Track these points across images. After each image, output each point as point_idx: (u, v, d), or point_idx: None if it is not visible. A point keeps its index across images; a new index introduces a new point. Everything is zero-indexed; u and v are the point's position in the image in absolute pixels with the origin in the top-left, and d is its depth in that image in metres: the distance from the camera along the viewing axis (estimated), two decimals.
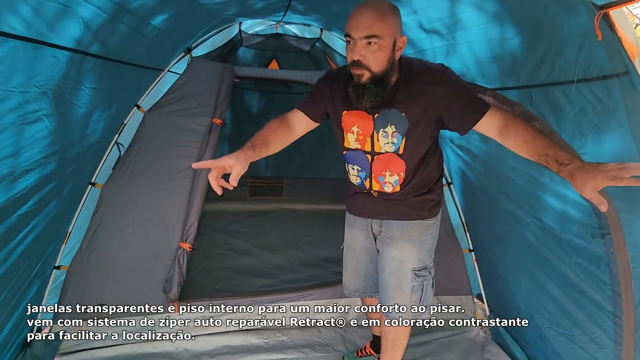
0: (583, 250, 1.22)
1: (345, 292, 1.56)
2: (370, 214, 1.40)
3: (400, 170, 1.26)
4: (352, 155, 1.30)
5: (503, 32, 1.13)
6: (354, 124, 1.24)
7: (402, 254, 1.35)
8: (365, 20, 1.03)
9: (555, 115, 1.12)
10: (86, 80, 1.20)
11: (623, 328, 1.14)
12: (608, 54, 0.88)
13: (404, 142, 1.21)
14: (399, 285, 1.35)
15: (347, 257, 1.52)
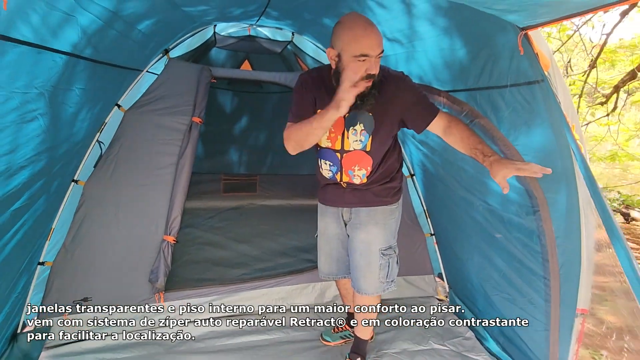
0: (520, 226, 1.46)
1: (321, 276, 1.71)
2: (341, 203, 1.54)
3: (367, 165, 1.41)
4: (323, 152, 1.44)
5: (452, 44, 1.34)
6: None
7: (370, 236, 1.50)
8: (378, 40, 1.17)
9: (495, 114, 1.35)
10: (77, 81, 1.28)
11: (551, 288, 1.39)
12: (530, 64, 1.10)
13: (370, 140, 1.36)
14: (369, 265, 1.51)
15: (322, 244, 1.66)
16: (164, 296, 1.89)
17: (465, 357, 1.79)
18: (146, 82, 2.03)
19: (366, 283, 1.54)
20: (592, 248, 1.29)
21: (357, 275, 1.55)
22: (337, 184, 1.50)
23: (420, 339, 1.91)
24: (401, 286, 2.26)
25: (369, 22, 1.19)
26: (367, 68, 1.17)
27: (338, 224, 1.59)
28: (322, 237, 1.65)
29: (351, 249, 1.55)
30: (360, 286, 1.55)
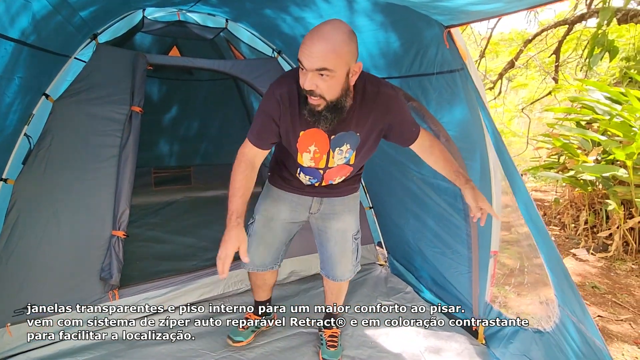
0: (447, 190, 1.77)
1: (248, 268, 1.56)
2: (311, 193, 1.45)
3: (347, 172, 1.39)
4: (305, 169, 1.34)
5: (388, 37, 1.55)
6: (311, 144, 1.25)
7: (345, 225, 1.50)
8: (317, 53, 1.00)
9: (424, 97, 1.61)
10: (18, 70, 1.19)
11: (472, 237, 1.73)
12: (452, 56, 1.37)
13: (354, 155, 1.32)
14: (344, 252, 1.53)
15: (263, 231, 1.49)
16: (119, 293, 1.82)
17: (408, 307, 2.09)
18: (72, 70, 1.88)
19: (341, 270, 1.56)
20: (500, 201, 1.64)
21: (332, 263, 1.55)
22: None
23: (370, 299, 2.17)
24: None
25: (330, 33, 1.01)
26: (301, 80, 1.06)
27: (293, 212, 1.48)
28: (267, 225, 1.49)
29: (324, 239, 1.53)
30: (335, 274, 1.57)
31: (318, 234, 1.58)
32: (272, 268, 1.60)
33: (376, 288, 2.29)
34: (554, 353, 1.28)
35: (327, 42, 1.00)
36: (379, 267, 2.54)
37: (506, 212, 2.93)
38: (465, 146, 1.59)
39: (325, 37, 1.01)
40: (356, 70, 1.09)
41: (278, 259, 1.60)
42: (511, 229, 3.00)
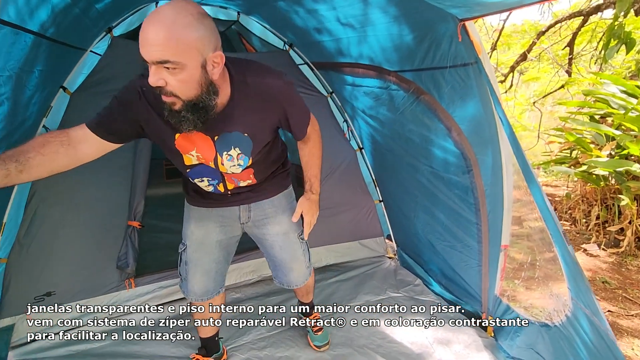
0: (458, 184, 1.77)
1: (192, 299, 1.39)
2: (234, 202, 1.30)
3: (250, 175, 1.23)
4: (196, 170, 1.16)
5: (401, 30, 1.55)
6: (192, 149, 1.09)
7: (283, 226, 1.36)
8: (154, 41, 0.80)
9: (437, 90, 1.60)
10: (38, 63, 1.22)
11: (482, 231, 1.73)
12: (465, 49, 1.36)
13: (250, 160, 1.16)
14: (294, 256, 1.41)
15: (197, 256, 1.33)
16: (135, 281, 1.88)
17: (417, 299, 2.12)
18: (88, 63, 1.91)
19: (295, 275, 1.45)
20: (511, 195, 1.64)
21: (285, 270, 1.44)
22: (222, 194, 1.26)
23: (379, 291, 2.19)
24: (357, 249, 2.53)
25: (167, 14, 0.80)
26: (149, 77, 0.85)
27: (223, 228, 1.33)
28: (199, 249, 1.32)
29: (267, 247, 1.40)
30: (290, 281, 1.46)
31: (259, 242, 1.43)
32: (218, 292, 1.42)
33: (385, 280, 2.32)
34: (561, 347, 1.29)
35: (166, 29, 0.79)
36: (388, 260, 2.56)
37: (517, 206, 2.91)
38: (476, 140, 1.59)
39: (164, 22, 0.80)
40: (217, 62, 0.89)
41: (222, 281, 1.43)
42: (522, 223, 2.99)
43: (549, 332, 1.36)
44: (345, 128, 2.43)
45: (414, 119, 1.81)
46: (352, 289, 2.21)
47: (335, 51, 2.01)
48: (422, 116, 1.75)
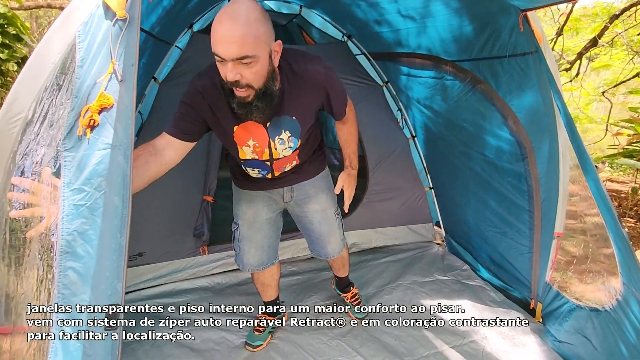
0: (511, 172, 1.81)
1: (247, 269, 1.55)
2: (277, 185, 1.43)
3: (295, 156, 1.34)
4: (249, 163, 1.29)
5: (461, 21, 1.61)
6: (249, 138, 1.20)
7: (322, 204, 1.51)
8: (235, 39, 0.89)
9: (495, 80, 1.65)
10: (144, 57, 1.47)
11: (535, 218, 1.76)
12: (526, 39, 1.40)
13: (299, 142, 1.28)
14: (330, 229, 1.57)
15: (250, 233, 1.49)
16: (208, 249, 2.15)
17: (464, 283, 2.19)
18: (172, 56, 2.18)
19: (332, 246, 1.61)
20: (567, 186, 1.66)
21: (322, 243, 1.59)
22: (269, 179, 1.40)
23: (426, 273, 2.29)
24: (406, 233, 2.63)
25: (241, 12, 0.90)
26: (223, 73, 0.97)
27: (270, 207, 1.49)
28: (252, 227, 1.48)
29: (307, 222, 1.55)
30: (328, 252, 1.62)
31: (299, 219, 1.58)
32: (273, 263, 1.60)
33: (433, 264, 2.41)
34: (610, 331, 1.32)
35: (242, 26, 0.89)
36: (436, 246, 2.63)
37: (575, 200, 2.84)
38: (534, 128, 1.62)
39: (239, 20, 0.89)
40: (277, 50, 1.01)
41: (275, 253, 1.60)
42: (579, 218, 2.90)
43: (598, 317, 1.40)
44: (399, 117, 2.51)
45: (469, 108, 1.86)
46: (400, 270, 2.33)
47: (393, 42, 2.10)
48: (477, 105, 1.80)
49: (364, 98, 2.45)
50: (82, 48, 0.83)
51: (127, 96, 0.81)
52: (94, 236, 0.74)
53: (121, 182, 0.79)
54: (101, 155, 0.76)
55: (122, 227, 0.77)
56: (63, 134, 0.78)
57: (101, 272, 0.73)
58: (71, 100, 0.80)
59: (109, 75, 0.83)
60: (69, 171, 0.76)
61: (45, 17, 12.70)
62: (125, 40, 0.85)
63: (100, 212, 0.75)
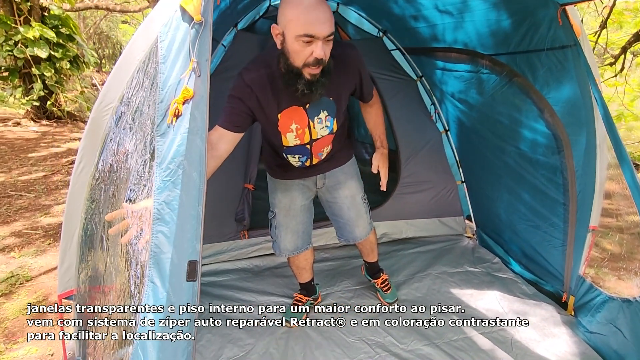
0: (546, 165, 1.82)
1: (284, 255, 1.67)
2: (312, 173, 1.53)
3: (331, 141, 1.44)
4: (291, 149, 1.38)
5: (499, 15, 1.64)
6: (292, 122, 1.29)
7: (352, 190, 1.62)
8: (326, 19, 1.02)
9: (532, 73, 1.67)
10: None
11: (569, 211, 1.77)
12: (565, 33, 1.43)
13: (335, 123, 1.37)
14: (359, 213, 1.66)
15: (286, 221, 1.60)
16: (248, 234, 2.30)
17: (494, 276, 2.22)
18: (218, 53, 2.33)
19: (360, 229, 1.70)
20: (604, 180, 1.66)
21: (351, 227, 1.68)
22: (305, 166, 1.49)
23: (456, 264, 2.34)
24: (436, 226, 2.67)
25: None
26: (314, 52, 1.05)
27: (304, 194, 1.59)
28: (288, 214, 1.59)
29: (336, 208, 1.65)
30: (356, 235, 1.71)
31: (328, 205, 1.67)
32: (307, 248, 1.70)
33: (463, 256, 2.44)
34: None
35: (327, 8, 1.03)
36: (467, 239, 2.66)
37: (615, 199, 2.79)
38: (571, 121, 1.63)
39: (325, 3, 1.03)
40: None
41: (309, 238, 1.70)
42: (617, 216, 2.83)
43: (630, 307, 1.41)
44: (433, 111, 2.56)
45: (505, 101, 1.88)
46: (430, 260, 2.38)
47: (429, 37, 2.15)
48: (513, 98, 1.83)
49: (398, 92, 2.52)
50: (163, 47, 0.97)
51: (202, 87, 0.94)
52: (177, 205, 0.87)
53: (198, 160, 0.92)
54: (182, 138, 0.89)
55: (199, 197, 0.90)
56: (156, 122, 0.92)
57: (183, 234, 0.86)
58: (158, 92, 0.94)
59: (189, 71, 0.96)
60: (160, 152, 0.90)
61: (91, 18, 13.49)
62: (200, 40, 0.98)
63: (182, 185, 0.88)
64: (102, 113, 1.13)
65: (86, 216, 1.19)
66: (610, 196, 2.66)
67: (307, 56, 1.07)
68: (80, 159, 1.15)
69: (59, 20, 6.39)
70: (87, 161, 1.16)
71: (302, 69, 1.10)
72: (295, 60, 1.09)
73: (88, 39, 12.95)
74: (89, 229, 1.19)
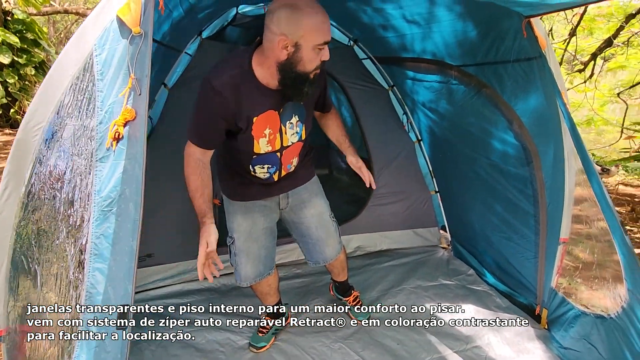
0: (517, 176, 1.80)
1: (246, 284, 1.55)
2: (274, 192, 1.46)
3: (299, 151, 1.40)
4: (261, 158, 1.32)
5: (465, 26, 1.61)
6: (266, 127, 1.25)
7: (317, 208, 1.55)
8: (329, 25, 1.10)
9: (499, 84, 1.65)
10: (155, 66, 1.51)
11: (540, 223, 1.75)
12: (530, 44, 1.40)
13: (304, 128, 1.35)
14: (328, 232, 1.59)
15: (247, 245, 1.48)
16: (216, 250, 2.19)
17: (469, 288, 2.18)
18: (182, 62, 2.22)
19: (330, 248, 1.62)
20: (573, 188, 1.64)
21: (321, 247, 1.60)
22: (270, 181, 1.43)
23: (431, 277, 2.29)
24: (411, 237, 2.63)
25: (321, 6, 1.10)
26: (324, 56, 1.12)
27: (266, 216, 1.49)
28: (249, 238, 1.48)
29: (303, 229, 1.57)
30: (327, 256, 1.63)
31: (295, 227, 1.58)
32: (270, 273, 1.59)
33: (438, 268, 2.40)
34: (615, 338, 1.31)
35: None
36: (442, 250, 2.62)
37: (584, 206, 2.80)
38: (538, 132, 1.61)
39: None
40: None
41: (272, 262, 1.60)
42: (588, 223, 2.85)
43: (604, 324, 1.38)
44: (405, 120, 2.52)
45: (474, 112, 1.86)
46: (405, 274, 2.32)
47: (399, 46, 2.11)
48: (482, 109, 1.80)
49: (370, 102, 2.47)
50: (99, 61, 0.88)
51: (142, 107, 0.86)
52: (114, 239, 0.79)
53: (135, 189, 0.83)
54: (124, 165, 0.81)
55: (134, 230, 0.81)
56: (95, 146, 0.83)
57: (117, 273, 0.78)
58: (96, 113, 0.85)
59: (128, 89, 0.88)
60: (99, 180, 0.82)
61: (62, 22, 13.06)
62: (140, 54, 0.90)
63: (120, 217, 0.79)
64: (31, 134, 1.02)
65: (15, 248, 1.07)
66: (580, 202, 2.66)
67: (318, 61, 1.13)
68: (5, 184, 1.03)
69: (23, 25, 6.12)
70: (14, 187, 1.04)
71: (310, 73, 1.14)
72: (307, 67, 1.12)
73: (59, 43, 12.52)
74: (20, 262, 1.07)
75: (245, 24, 2.93)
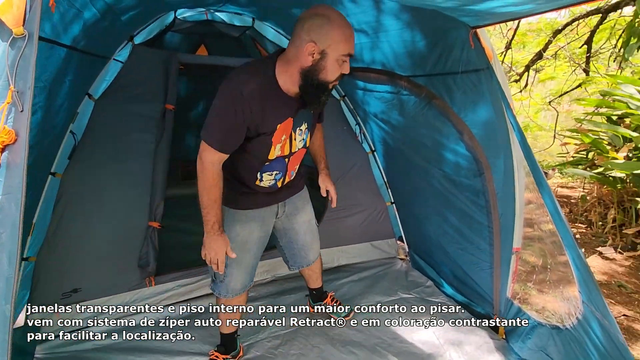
0: (470, 187, 1.79)
1: (230, 296, 1.49)
2: (274, 200, 1.50)
3: (302, 158, 1.46)
4: (272, 164, 1.34)
5: (413, 36, 1.57)
6: (283, 134, 1.28)
7: (308, 215, 1.65)
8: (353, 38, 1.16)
9: (449, 95, 1.62)
10: (69, 73, 1.29)
11: (494, 233, 1.74)
12: (477, 56, 1.38)
13: (309, 136, 1.40)
14: (314, 237, 1.70)
15: (241, 256, 1.43)
16: (155, 280, 1.95)
17: (428, 301, 2.14)
18: (110, 70, 1.99)
19: (313, 252, 1.73)
20: (523, 197, 1.65)
21: (305, 251, 1.68)
22: (273, 189, 1.46)
23: (390, 292, 2.22)
24: (369, 250, 2.56)
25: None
26: (345, 69, 1.16)
27: (263, 226, 1.49)
28: (243, 248, 1.44)
29: (292, 234, 1.62)
30: (310, 259, 1.72)
31: (284, 233, 1.62)
32: (249, 285, 1.57)
33: (396, 281, 2.34)
34: (572, 349, 1.31)
35: None
36: (400, 261, 2.58)
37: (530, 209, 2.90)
38: (489, 144, 1.61)
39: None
40: None
41: (254, 273, 1.59)
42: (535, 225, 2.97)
43: (560, 335, 1.37)
44: (358, 131, 2.46)
45: (426, 123, 1.83)
46: (364, 290, 2.24)
47: None
48: (433, 120, 1.78)
49: None
50: None
51: (23, 129, 0.68)
52: None
53: (10, 234, 0.64)
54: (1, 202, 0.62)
55: (8, 291, 0.61)
56: None
57: None
58: None
59: (7, 105, 0.69)
60: None
61: None
62: (22, 61, 0.71)
63: None
64: None
65: None
66: (526, 204, 2.72)
67: (339, 73, 1.16)
68: None
69: None
70: None
71: (330, 83, 1.17)
72: (328, 77, 1.15)
73: None
74: None
75: (185, 29, 2.74)
